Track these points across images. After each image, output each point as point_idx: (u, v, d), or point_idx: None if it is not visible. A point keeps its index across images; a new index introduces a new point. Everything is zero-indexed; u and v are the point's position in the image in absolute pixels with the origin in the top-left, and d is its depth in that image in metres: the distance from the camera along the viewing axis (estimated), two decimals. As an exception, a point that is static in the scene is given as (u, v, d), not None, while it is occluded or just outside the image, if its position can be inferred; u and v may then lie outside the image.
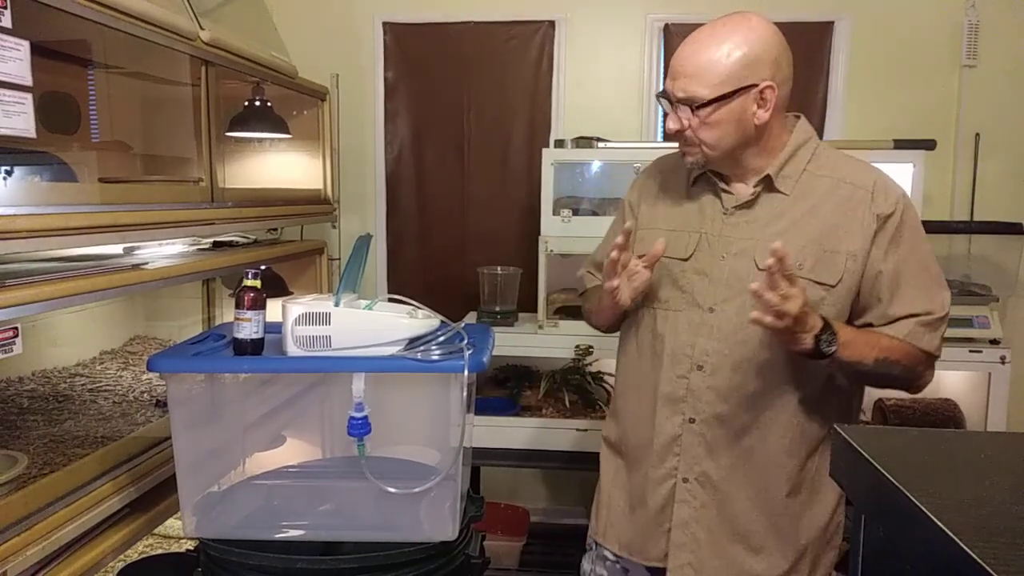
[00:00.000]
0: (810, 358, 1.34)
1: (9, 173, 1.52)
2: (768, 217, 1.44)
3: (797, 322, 1.27)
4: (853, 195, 1.42)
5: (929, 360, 1.45)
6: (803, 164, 1.45)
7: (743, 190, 1.47)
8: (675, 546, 1.50)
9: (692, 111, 1.38)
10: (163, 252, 2.10)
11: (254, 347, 1.55)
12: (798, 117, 1.52)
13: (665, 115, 1.46)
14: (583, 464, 2.44)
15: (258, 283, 1.56)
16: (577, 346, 2.68)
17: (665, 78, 1.47)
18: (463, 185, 3.32)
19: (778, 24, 1.41)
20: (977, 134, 3.07)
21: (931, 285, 1.43)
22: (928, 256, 1.44)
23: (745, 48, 1.36)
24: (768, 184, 1.45)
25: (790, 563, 1.49)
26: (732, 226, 1.46)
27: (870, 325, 1.43)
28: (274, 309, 1.57)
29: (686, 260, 1.48)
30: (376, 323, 1.53)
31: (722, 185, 1.48)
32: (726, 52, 1.37)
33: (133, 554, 2.35)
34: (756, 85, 1.37)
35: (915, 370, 1.44)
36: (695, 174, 1.52)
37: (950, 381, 2.71)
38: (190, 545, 1.74)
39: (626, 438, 1.60)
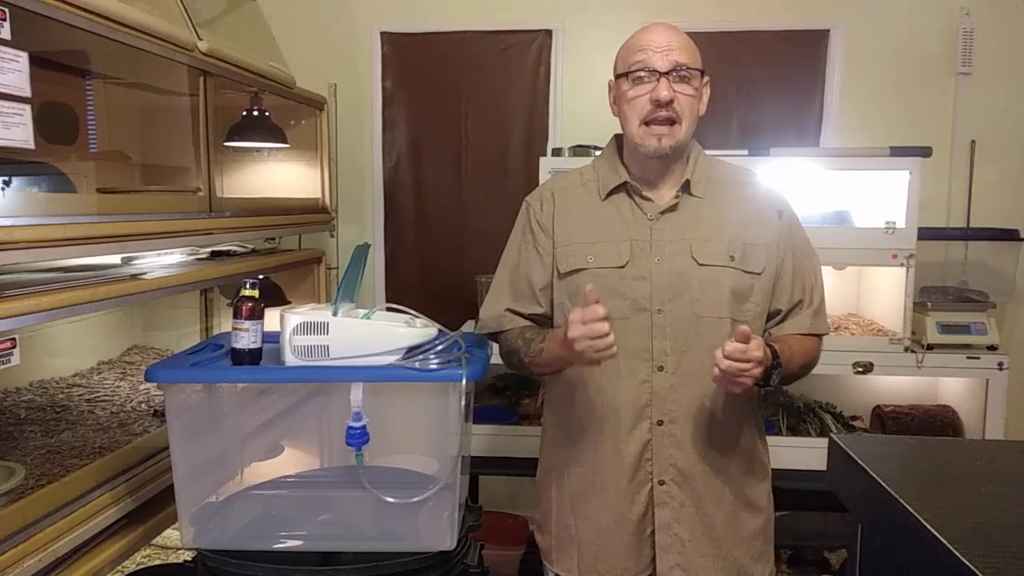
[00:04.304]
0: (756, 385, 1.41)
1: (7, 184, 1.53)
2: (692, 218, 1.52)
3: (761, 374, 1.34)
4: (753, 194, 1.57)
5: (822, 340, 1.60)
6: (705, 171, 1.56)
7: (664, 196, 1.53)
8: (661, 549, 1.51)
9: (682, 82, 1.44)
10: (161, 262, 2.10)
11: (252, 357, 1.55)
12: None
13: (653, 100, 1.44)
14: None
15: (256, 293, 1.57)
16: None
17: (632, 56, 1.48)
18: (461, 194, 3.33)
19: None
20: (973, 141, 3.08)
21: (815, 271, 1.58)
22: (809, 244, 1.59)
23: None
24: (686, 188, 1.52)
25: (764, 545, 1.57)
26: (660, 230, 1.50)
27: (779, 312, 1.54)
28: (272, 319, 1.57)
29: (623, 267, 1.50)
30: (374, 332, 1.53)
31: (645, 193, 1.53)
32: (690, 40, 1.50)
33: (131, 565, 2.35)
34: (706, 75, 1.51)
35: (818, 356, 1.58)
36: (611, 185, 1.55)
37: (948, 387, 2.71)
38: (188, 556, 1.74)
39: (587, 461, 1.56)
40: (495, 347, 1.69)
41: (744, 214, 1.53)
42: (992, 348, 2.49)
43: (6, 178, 1.55)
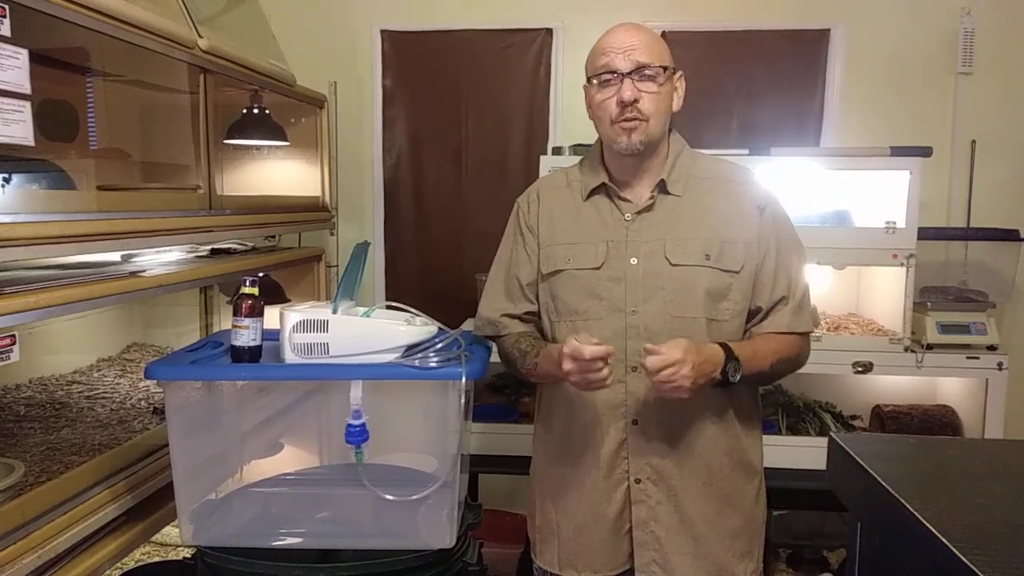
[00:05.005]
0: (718, 386, 1.42)
1: (7, 181, 1.53)
2: (668, 217, 1.52)
3: (697, 372, 1.33)
4: (737, 191, 1.55)
5: (807, 338, 1.58)
6: (686, 169, 1.55)
7: (640, 196, 1.54)
8: (639, 546, 1.52)
9: (647, 80, 1.45)
10: (161, 259, 2.10)
11: (251, 354, 1.55)
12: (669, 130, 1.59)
13: (619, 102, 1.45)
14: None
15: (256, 290, 1.57)
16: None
17: (597, 60, 1.50)
18: (461, 192, 3.33)
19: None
20: (973, 141, 3.08)
21: (799, 267, 1.55)
22: (796, 240, 1.57)
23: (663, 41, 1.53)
24: (662, 188, 1.52)
25: (748, 544, 1.56)
26: (636, 231, 1.51)
27: (760, 309, 1.53)
28: (272, 316, 1.57)
29: (598, 269, 1.51)
30: (374, 330, 1.53)
31: (621, 193, 1.54)
32: (656, 36, 1.51)
33: (130, 562, 2.35)
34: (677, 71, 1.52)
35: (802, 355, 1.56)
36: (591, 186, 1.56)
37: (948, 387, 2.71)
38: (187, 553, 1.74)
39: (566, 458, 1.57)
40: (495, 345, 1.70)
41: (724, 211, 1.52)
42: (992, 348, 2.49)
43: (6, 175, 1.55)
